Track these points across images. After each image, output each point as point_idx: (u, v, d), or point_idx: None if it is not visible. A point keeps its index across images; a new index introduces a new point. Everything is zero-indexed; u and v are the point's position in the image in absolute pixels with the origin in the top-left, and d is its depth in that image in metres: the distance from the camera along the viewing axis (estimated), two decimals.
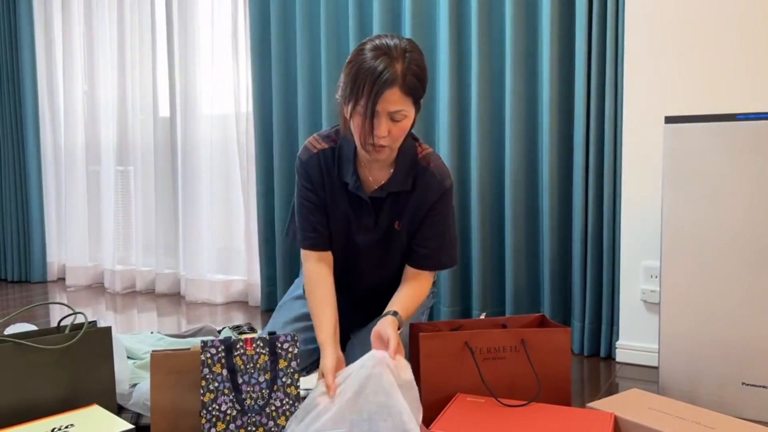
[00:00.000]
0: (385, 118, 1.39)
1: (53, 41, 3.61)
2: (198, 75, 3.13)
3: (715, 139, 1.60)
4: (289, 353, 1.45)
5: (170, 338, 2.13)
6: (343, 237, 1.60)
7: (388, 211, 1.56)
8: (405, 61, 1.37)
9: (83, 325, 1.55)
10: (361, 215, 1.57)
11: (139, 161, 3.39)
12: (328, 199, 1.57)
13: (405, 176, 1.53)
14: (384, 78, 1.34)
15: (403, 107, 1.39)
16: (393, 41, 1.40)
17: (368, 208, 1.56)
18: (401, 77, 1.36)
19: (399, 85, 1.36)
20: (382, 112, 1.38)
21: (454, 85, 2.40)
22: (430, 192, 1.55)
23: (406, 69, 1.36)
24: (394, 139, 1.43)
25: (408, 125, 1.44)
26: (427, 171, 1.55)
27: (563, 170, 2.27)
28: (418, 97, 1.42)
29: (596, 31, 2.12)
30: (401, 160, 1.53)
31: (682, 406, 1.47)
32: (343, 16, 2.67)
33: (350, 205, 1.57)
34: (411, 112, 1.42)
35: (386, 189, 1.53)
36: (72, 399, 1.50)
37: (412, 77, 1.37)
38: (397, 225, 1.57)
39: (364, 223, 1.57)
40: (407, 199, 1.56)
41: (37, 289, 3.47)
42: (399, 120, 1.40)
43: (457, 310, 2.47)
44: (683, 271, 1.66)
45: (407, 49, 1.39)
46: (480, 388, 1.51)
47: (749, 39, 1.88)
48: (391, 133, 1.41)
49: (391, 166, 1.54)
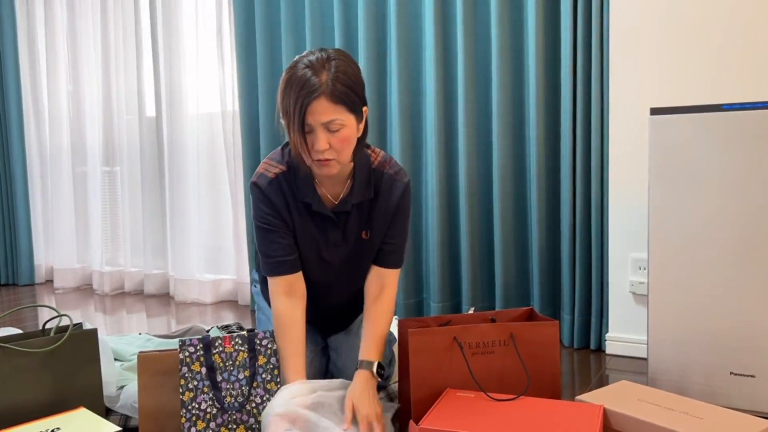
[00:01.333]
0: (322, 130, 1.36)
1: (36, 41, 3.57)
2: (183, 74, 3.11)
3: (701, 130, 1.60)
4: (268, 350, 1.45)
5: (158, 339, 2.12)
6: (313, 257, 1.57)
7: (353, 224, 1.55)
8: (330, 70, 1.35)
9: (69, 327, 1.54)
10: (327, 232, 1.55)
11: (126, 161, 3.36)
12: (296, 222, 1.53)
13: (365, 186, 1.52)
14: (307, 90, 1.33)
15: (336, 116, 1.35)
16: (318, 54, 1.38)
17: (333, 224, 1.54)
18: (326, 86, 1.33)
19: (326, 94, 1.33)
20: (316, 125, 1.35)
21: (440, 81, 2.40)
22: (392, 195, 1.54)
23: (331, 77, 1.34)
24: (338, 152, 1.39)
25: (349, 135, 1.39)
26: (385, 176, 1.54)
27: (551, 164, 2.27)
28: (353, 103, 1.38)
29: (581, 25, 2.12)
30: (358, 170, 1.51)
31: (671, 397, 1.47)
32: (328, 14, 2.66)
33: (315, 225, 1.54)
34: (348, 121, 1.38)
35: (349, 201, 1.51)
36: (59, 402, 1.49)
37: (340, 84, 1.35)
38: (364, 234, 1.56)
39: (331, 240, 1.55)
40: (371, 208, 1.54)
41: (24, 292, 3.44)
42: (336, 130, 1.36)
43: (446, 305, 2.47)
44: (670, 262, 1.66)
45: (332, 57, 1.38)
46: (469, 383, 1.51)
47: (734, 30, 1.89)
48: (332, 145, 1.37)
49: (348, 179, 1.52)
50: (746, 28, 1.87)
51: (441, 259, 2.44)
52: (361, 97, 1.42)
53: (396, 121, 2.48)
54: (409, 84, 2.48)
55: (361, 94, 1.42)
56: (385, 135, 2.58)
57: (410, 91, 2.49)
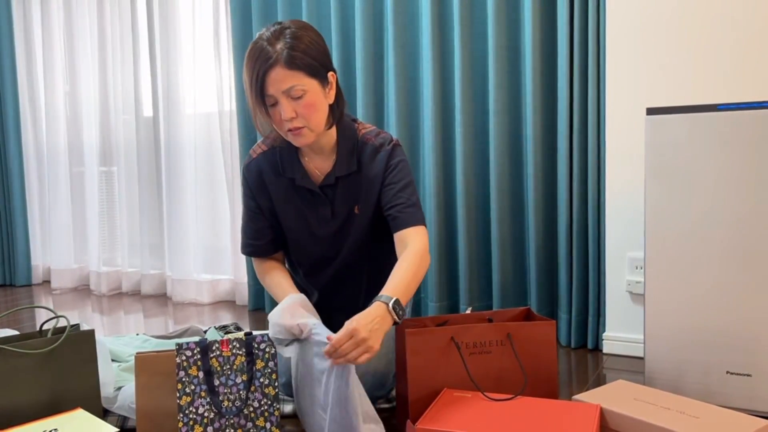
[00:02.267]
0: (285, 99, 1.37)
1: (33, 41, 3.57)
2: (180, 74, 3.11)
3: (697, 130, 1.61)
4: (266, 353, 1.44)
5: (156, 340, 2.12)
6: (305, 233, 1.57)
7: (342, 198, 1.53)
8: (284, 39, 1.36)
9: (66, 328, 1.54)
10: (316, 208, 1.54)
11: (123, 161, 3.36)
12: (280, 200, 1.54)
13: (348, 158, 1.51)
14: (262, 60, 1.34)
15: (295, 82, 1.35)
16: (274, 27, 1.39)
17: (321, 199, 1.53)
18: (281, 53, 1.34)
19: (281, 62, 1.34)
20: (277, 94, 1.36)
21: (437, 80, 2.40)
22: (377, 164, 1.52)
23: (285, 45, 1.35)
24: (308, 118, 1.39)
25: (314, 100, 1.39)
26: (367, 146, 1.53)
27: (548, 163, 2.28)
28: (312, 68, 1.37)
29: (578, 24, 2.12)
30: (342, 143, 1.51)
31: (668, 396, 1.48)
32: (325, 12, 2.66)
33: (303, 201, 1.54)
34: (310, 86, 1.38)
35: (333, 174, 1.51)
36: (56, 403, 1.49)
37: (295, 51, 1.35)
38: (356, 209, 1.54)
39: (321, 215, 1.55)
40: (357, 181, 1.53)
41: (22, 293, 3.43)
42: (299, 96, 1.37)
43: (444, 305, 2.47)
44: (667, 261, 1.66)
45: (286, 26, 1.39)
46: (467, 383, 1.51)
47: (729, 30, 1.89)
48: (299, 112, 1.38)
49: (333, 152, 1.52)
50: (742, 29, 1.87)
51: (438, 259, 2.44)
52: (322, 62, 1.40)
53: (393, 120, 2.48)
54: (406, 83, 2.48)
55: (321, 59, 1.40)
56: None
57: (407, 90, 2.49)
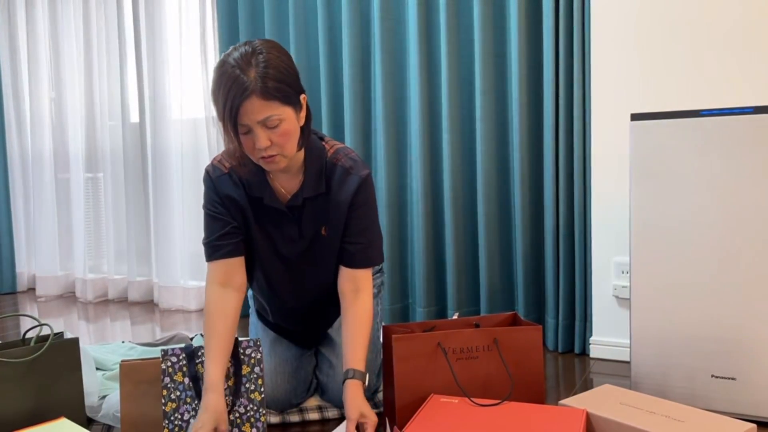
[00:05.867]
0: (259, 129, 1.31)
1: (18, 47, 3.54)
2: (167, 79, 3.10)
3: (680, 135, 1.62)
4: (252, 359, 1.43)
5: (142, 347, 2.10)
6: (270, 253, 1.54)
7: (309, 219, 1.51)
8: (258, 66, 1.29)
9: (49, 337, 1.52)
10: (282, 228, 1.51)
11: (109, 167, 3.34)
12: (249, 218, 1.50)
13: (317, 179, 1.48)
14: (236, 90, 1.27)
15: (271, 113, 1.30)
16: (244, 49, 1.32)
17: (288, 219, 1.50)
18: (255, 84, 1.27)
19: (256, 92, 1.27)
20: (252, 124, 1.30)
21: (424, 87, 2.41)
22: (345, 188, 1.49)
23: (260, 74, 1.28)
24: (281, 146, 1.34)
25: (289, 128, 1.34)
26: (337, 168, 1.49)
27: (534, 169, 2.29)
28: (287, 96, 1.32)
29: (563, 31, 2.14)
30: (309, 163, 1.47)
31: (653, 400, 1.48)
32: (312, 19, 2.66)
33: (270, 220, 1.51)
34: (285, 114, 1.32)
35: (300, 195, 1.47)
36: (40, 412, 1.47)
37: (270, 80, 1.29)
38: (323, 231, 1.52)
39: (287, 235, 1.52)
40: (326, 202, 1.51)
41: (6, 301, 3.40)
42: (274, 126, 1.31)
43: (432, 310, 2.47)
44: (652, 266, 1.67)
45: (258, 50, 1.31)
46: (454, 389, 1.51)
47: (711, 37, 1.91)
48: (273, 141, 1.33)
49: (301, 172, 1.49)
50: (725, 37, 1.89)
51: (426, 264, 2.44)
52: (295, 87, 1.35)
53: (381, 126, 2.49)
54: (393, 90, 2.49)
55: (295, 84, 1.35)
56: (370, 141, 2.58)
57: (395, 97, 2.49)
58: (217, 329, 1.41)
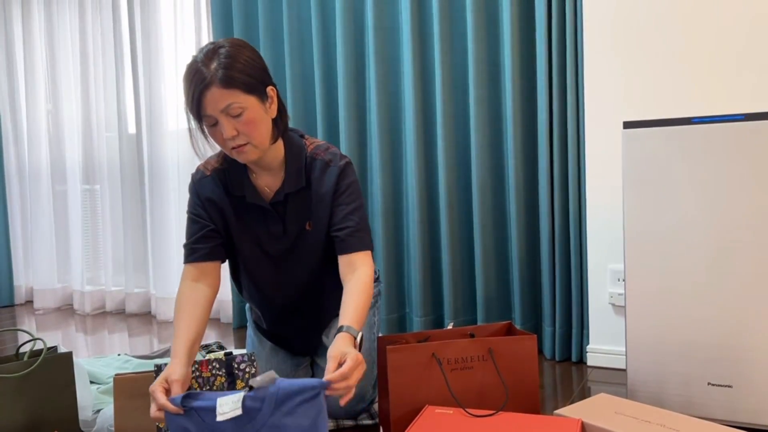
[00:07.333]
0: (224, 118, 1.35)
1: (14, 59, 3.56)
2: (163, 90, 3.10)
3: (673, 143, 1.62)
4: (246, 374, 1.43)
5: (137, 360, 2.10)
6: (255, 252, 1.56)
7: (293, 215, 1.53)
8: (218, 59, 1.34)
9: (42, 351, 1.52)
10: (267, 226, 1.53)
11: (106, 179, 3.34)
12: (232, 218, 1.53)
13: (297, 175, 1.50)
14: (197, 81, 1.33)
15: (231, 100, 1.34)
16: (208, 47, 1.37)
17: (272, 216, 1.52)
18: (215, 73, 1.32)
19: (216, 82, 1.32)
20: (215, 113, 1.35)
21: (418, 96, 2.41)
22: (326, 180, 1.51)
23: (219, 64, 1.33)
24: (249, 135, 1.38)
25: (254, 116, 1.37)
26: (316, 161, 1.52)
27: (529, 177, 2.29)
28: (249, 85, 1.36)
29: (556, 40, 2.14)
30: (290, 159, 1.50)
31: (649, 409, 1.48)
32: (306, 29, 2.67)
33: (254, 218, 1.53)
34: (248, 102, 1.36)
35: (282, 191, 1.50)
36: (33, 427, 1.47)
37: (229, 70, 1.33)
38: (308, 226, 1.54)
39: (272, 232, 1.53)
40: (308, 197, 1.53)
41: (4, 314, 3.39)
42: (237, 114, 1.35)
43: (429, 319, 2.47)
44: (647, 273, 1.67)
45: (221, 45, 1.37)
46: (449, 400, 1.51)
47: (703, 46, 1.92)
48: (240, 130, 1.36)
49: (281, 169, 1.52)
50: (716, 45, 1.90)
51: (423, 273, 2.44)
52: (259, 77, 1.38)
53: (375, 134, 2.49)
54: (388, 98, 2.49)
55: (258, 75, 1.38)
56: (365, 149, 2.59)
57: (389, 105, 2.50)
58: (186, 311, 1.40)
